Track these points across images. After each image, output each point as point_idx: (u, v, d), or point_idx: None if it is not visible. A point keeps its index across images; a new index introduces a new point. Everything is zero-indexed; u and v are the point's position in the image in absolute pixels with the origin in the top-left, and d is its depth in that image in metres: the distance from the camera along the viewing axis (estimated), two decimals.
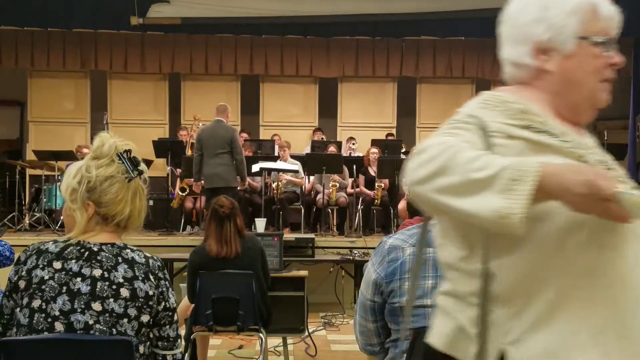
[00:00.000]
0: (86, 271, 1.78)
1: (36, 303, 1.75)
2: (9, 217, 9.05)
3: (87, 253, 1.80)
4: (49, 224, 8.82)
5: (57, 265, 1.78)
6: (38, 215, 9.13)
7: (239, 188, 8.08)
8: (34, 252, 1.81)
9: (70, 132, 10.85)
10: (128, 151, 1.89)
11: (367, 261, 6.59)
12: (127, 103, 11.25)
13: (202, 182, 7.84)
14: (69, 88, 11.31)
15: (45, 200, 8.99)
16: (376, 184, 8.92)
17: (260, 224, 7.47)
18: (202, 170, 7.76)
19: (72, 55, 10.96)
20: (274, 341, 5.35)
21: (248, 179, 8.86)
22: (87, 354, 1.75)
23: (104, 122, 9.83)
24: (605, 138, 8.99)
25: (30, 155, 10.35)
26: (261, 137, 10.91)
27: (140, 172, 1.89)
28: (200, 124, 9.92)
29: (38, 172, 9.46)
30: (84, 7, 10.31)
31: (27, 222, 9.11)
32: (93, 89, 11.34)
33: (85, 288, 1.76)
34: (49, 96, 11.19)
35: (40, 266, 1.78)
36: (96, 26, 10.48)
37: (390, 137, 10.70)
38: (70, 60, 10.98)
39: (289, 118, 11.41)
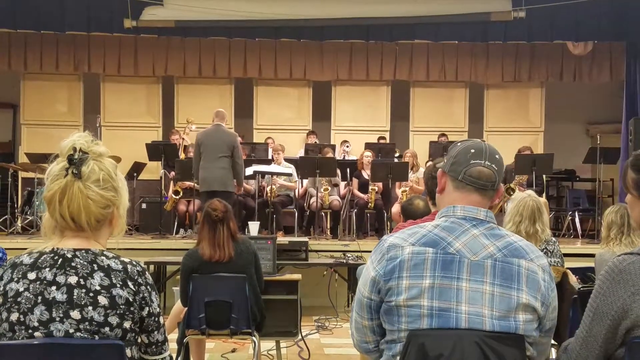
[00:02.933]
0: (61, 279, 1.75)
1: (14, 316, 1.72)
2: (1, 220, 9.01)
3: (60, 260, 1.77)
4: (41, 226, 8.77)
5: (32, 275, 1.75)
6: (30, 218, 9.10)
7: (238, 192, 8.15)
8: (9, 266, 1.79)
9: (62, 135, 10.43)
10: (81, 151, 1.79)
11: (360, 264, 6.58)
12: (120, 106, 11.23)
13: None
14: (62, 91, 11.29)
15: (37, 203, 8.95)
16: (369, 188, 8.93)
17: (254, 227, 7.44)
18: (199, 173, 7.77)
19: (65, 58, 10.94)
20: (267, 345, 5.33)
21: None
22: (77, 359, 1.72)
23: (97, 125, 9.79)
24: (598, 142, 9.02)
25: (22, 158, 10.31)
26: (255, 141, 10.91)
27: (74, 173, 1.76)
28: (193, 127, 9.92)
29: (30, 175, 9.44)
30: (78, 9, 10.28)
31: (20, 225, 9.07)
32: (86, 92, 11.32)
33: (61, 296, 1.73)
34: (41, 99, 11.16)
35: (15, 279, 1.75)
36: (89, 29, 10.45)
37: (382, 141, 10.70)
38: (64, 63, 10.95)
39: (282, 121, 11.41)
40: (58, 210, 1.77)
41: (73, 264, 1.76)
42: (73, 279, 1.75)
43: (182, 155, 9.49)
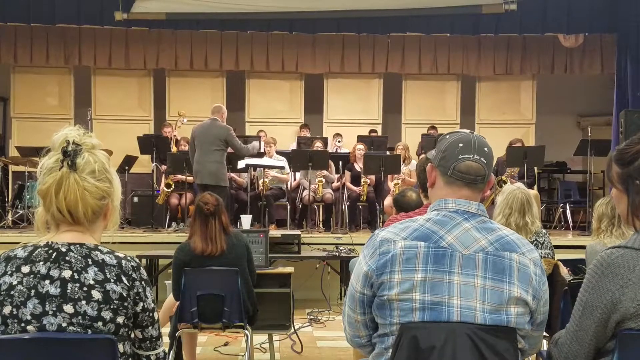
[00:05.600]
0: (54, 273, 1.74)
1: (7, 309, 1.72)
2: None
3: (55, 254, 1.76)
4: (32, 220, 8.72)
5: (25, 269, 1.75)
6: (21, 212, 9.06)
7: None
8: (3, 259, 1.78)
9: (53, 129, 10.17)
10: (74, 143, 1.78)
11: (353, 257, 6.59)
12: (112, 99, 11.18)
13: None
14: (53, 84, 11.22)
15: (28, 197, 8.91)
16: (362, 180, 8.93)
17: (246, 220, 7.44)
18: (192, 166, 7.84)
19: (55, 51, 10.87)
20: (260, 338, 5.34)
21: (234, 175, 8.87)
22: (69, 353, 1.73)
23: (88, 118, 9.75)
24: (589, 134, 9.05)
25: (13, 152, 10.26)
26: (247, 134, 10.88)
27: (69, 164, 1.76)
28: (185, 120, 9.90)
29: (21, 168, 9.38)
30: (68, 2, 10.21)
31: (10, 219, 9.03)
32: (77, 85, 11.26)
33: (54, 290, 1.73)
34: (32, 92, 11.10)
35: (9, 272, 1.75)
36: (80, 21, 10.39)
37: (372, 134, 10.70)
38: (54, 56, 10.89)
39: (274, 114, 11.39)
40: (54, 203, 1.76)
41: (67, 258, 1.76)
42: (67, 273, 1.74)
43: (173, 149, 9.47)
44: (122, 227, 8.79)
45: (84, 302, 1.73)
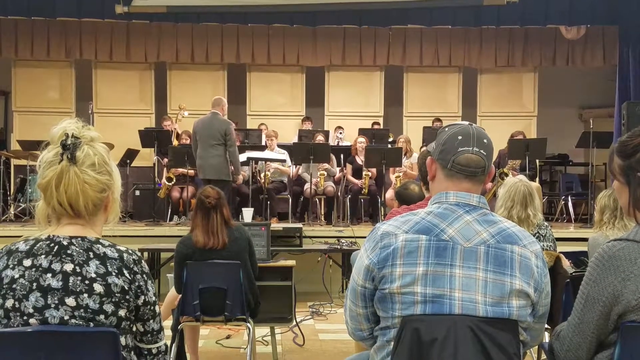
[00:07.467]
0: (56, 266, 1.75)
1: (9, 303, 1.73)
2: None
3: (56, 247, 1.77)
4: (34, 214, 8.72)
5: (27, 262, 1.75)
6: (23, 205, 9.07)
7: (236, 181, 8.34)
8: (5, 253, 1.79)
9: (55, 122, 10.37)
10: (73, 136, 1.78)
11: (354, 250, 6.59)
12: (113, 92, 11.18)
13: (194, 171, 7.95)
14: (54, 77, 11.21)
15: (30, 190, 8.92)
16: (363, 173, 8.93)
17: (248, 213, 7.46)
18: (195, 161, 7.85)
19: (56, 45, 10.86)
20: (262, 331, 5.35)
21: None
22: (71, 346, 1.73)
23: (90, 111, 9.75)
24: (591, 126, 9.04)
25: (14, 145, 10.26)
26: (248, 127, 10.88)
27: (69, 158, 1.76)
28: (186, 113, 9.90)
29: (23, 162, 9.39)
30: None
31: (12, 212, 9.04)
32: (78, 79, 11.25)
33: (56, 283, 1.73)
34: (33, 86, 11.10)
35: (11, 266, 1.75)
36: (80, 15, 10.37)
37: (376, 126, 10.69)
38: (55, 50, 10.88)
39: (276, 107, 11.38)
40: (55, 197, 1.77)
41: (69, 252, 1.76)
42: (69, 267, 1.75)
43: (175, 142, 9.47)
44: (123, 220, 8.81)
45: (85, 295, 1.74)
